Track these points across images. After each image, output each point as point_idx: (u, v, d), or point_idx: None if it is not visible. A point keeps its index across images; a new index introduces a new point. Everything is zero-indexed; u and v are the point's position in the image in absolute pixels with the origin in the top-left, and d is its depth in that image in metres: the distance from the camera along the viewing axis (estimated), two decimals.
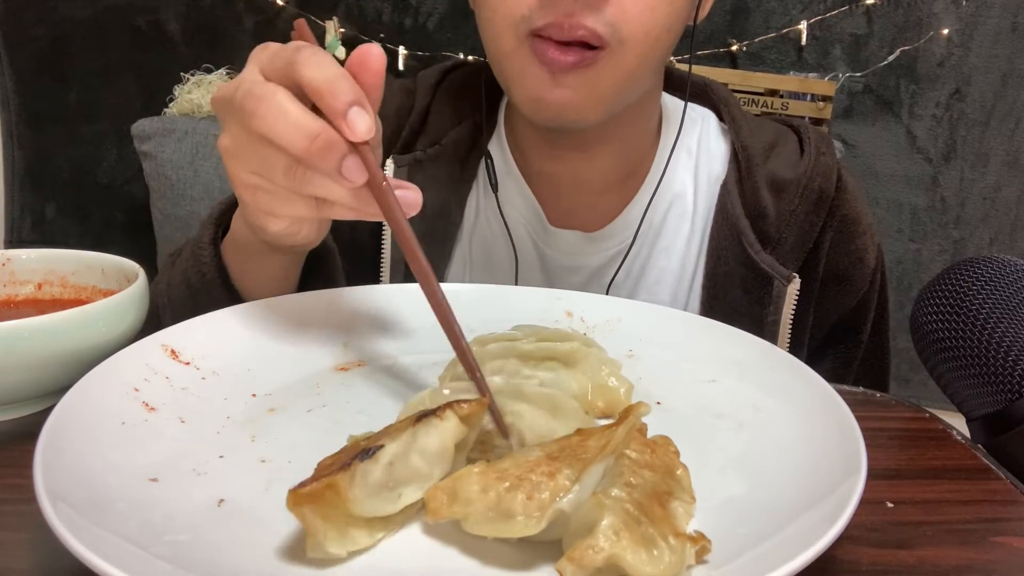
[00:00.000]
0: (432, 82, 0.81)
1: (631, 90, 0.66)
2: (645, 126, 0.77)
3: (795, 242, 0.74)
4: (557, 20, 0.59)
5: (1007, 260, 0.54)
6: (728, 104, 0.80)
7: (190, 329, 0.49)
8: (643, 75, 0.66)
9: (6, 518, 0.38)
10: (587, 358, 0.48)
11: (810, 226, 0.74)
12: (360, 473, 0.33)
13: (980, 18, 1.78)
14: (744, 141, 0.76)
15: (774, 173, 0.75)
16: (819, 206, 0.74)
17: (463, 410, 0.37)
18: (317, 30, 1.85)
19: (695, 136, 0.80)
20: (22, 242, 2.00)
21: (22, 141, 1.96)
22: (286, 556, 0.32)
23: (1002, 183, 1.87)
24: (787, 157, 0.76)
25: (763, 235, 0.74)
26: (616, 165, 0.76)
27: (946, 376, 0.54)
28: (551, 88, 0.62)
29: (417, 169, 0.77)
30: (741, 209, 0.75)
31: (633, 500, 0.32)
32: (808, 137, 0.77)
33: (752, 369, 0.49)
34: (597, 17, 0.59)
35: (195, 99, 1.72)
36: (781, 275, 0.73)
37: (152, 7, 1.87)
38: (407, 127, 0.79)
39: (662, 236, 0.78)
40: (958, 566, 0.36)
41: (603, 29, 0.59)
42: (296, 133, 0.41)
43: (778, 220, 0.74)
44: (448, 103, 0.80)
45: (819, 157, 0.75)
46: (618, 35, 0.60)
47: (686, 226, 0.78)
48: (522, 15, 0.61)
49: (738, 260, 0.74)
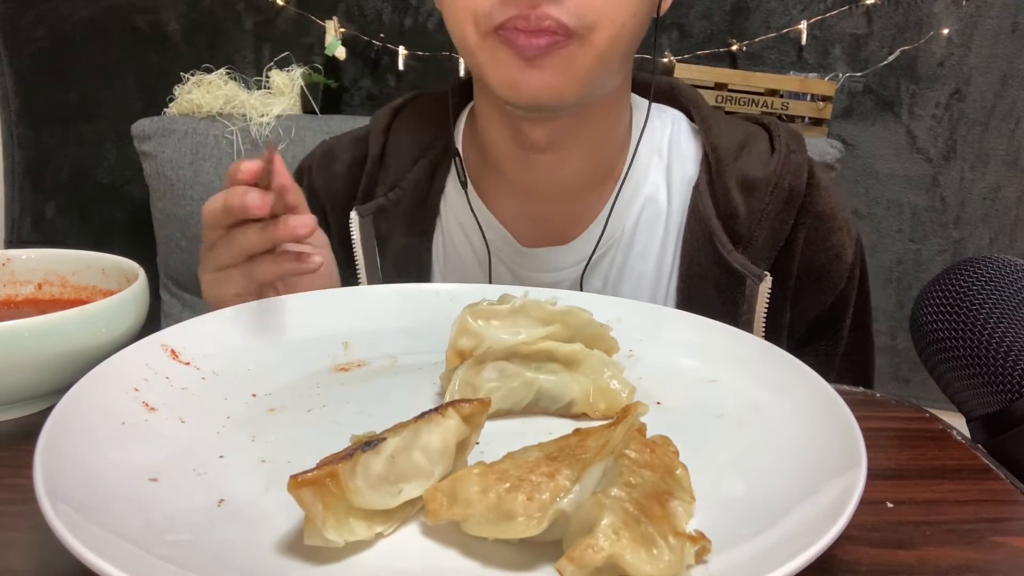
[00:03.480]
0: (383, 126, 0.82)
1: (604, 72, 0.66)
2: (615, 125, 0.76)
3: (766, 241, 0.74)
4: (522, 12, 0.60)
5: (1007, 260, 0.54)
6: (697, 104, 0.80)
7: (190, 329, 0.49)
8: (613, 59, 0.66)
9: (6, 518, 0.38)
10: (589, 360, 0.47)
11: (780, 224, 0.74)
12: (362, 464, 0.33)
13: (980, 18, 1.78)
14: (714, 141, 0.76)
15: (744, 172, 0.75)
16: (789, 204, 0.74)
17: (465, 409, 0.37)
18: (317, 30, 1.85)
19: (666, 138, 0.79)
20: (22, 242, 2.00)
21: (22, 141, 1.96)
22: (286, 556, 0.32)
23: (1002, 183, 1.87)
24: (757, 156, 0.76)
25: (734, 235, 0.74)
26: (588, 166, 0.76)
27: (946, 376, 0.54)
28: (526, 71, 0.63)
29: (382, 216, 0.79)
30: (712, 210, 0.75)
31: (633, 500, 0.32)
32: (779, 135, 0.76)
33: (752, 369, 0.49)
34: (561, 8, 0.60)
35: (195, 99, 1.72)
36: (753, 274, 0.73)
37: (152, 7, 1.87)
38: (364, 177, 0.80)
39: (636, 241, 0.78)
40: (958, 566, 0.36)
41: (568, 19, 0.60)
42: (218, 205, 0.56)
43: (749, 219, 0.74)
44: (403, 144, 0.81)
45: (789, 155, 0.75)
46: (585, 22, 0.61)
47: (660, 229, 0.78)
48: (483, 12, 0.61)
49: (711, 260, 0.74)
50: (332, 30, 1.80)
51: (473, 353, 0.46)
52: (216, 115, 1.70)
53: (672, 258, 0.77)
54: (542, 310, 0.48)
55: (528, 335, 0.47)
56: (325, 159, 0.85)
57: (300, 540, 0.33)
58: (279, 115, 1.69)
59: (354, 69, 1.89)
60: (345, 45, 1.82)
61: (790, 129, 0.78)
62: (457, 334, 0.47)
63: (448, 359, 0.47)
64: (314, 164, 0.85)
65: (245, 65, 1.88)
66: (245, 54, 1.89)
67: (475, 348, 0.46)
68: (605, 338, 0.49)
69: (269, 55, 1.88)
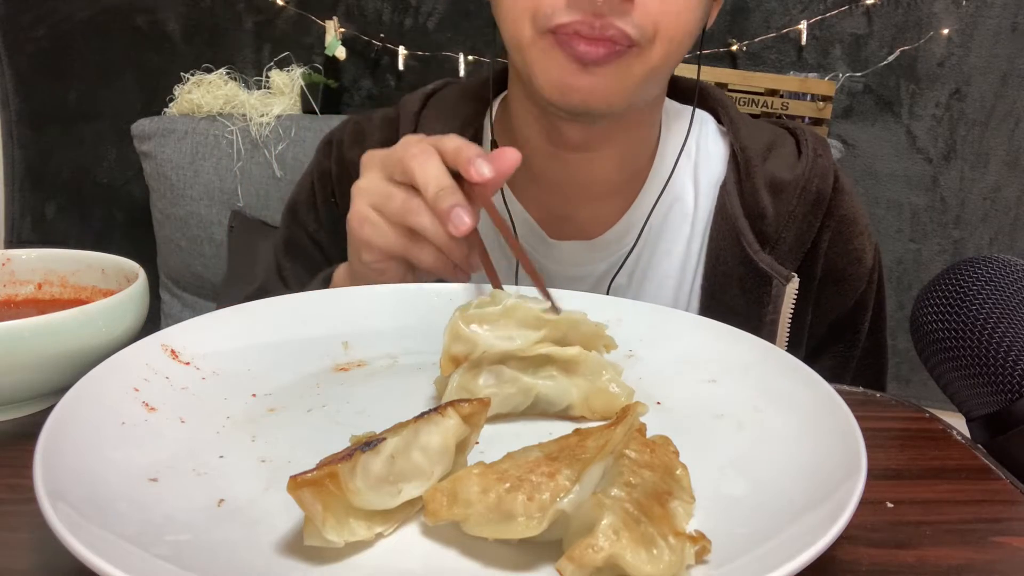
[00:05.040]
0: (415, 109, 0.81)
1: (653, 85, 0.67)
2: (649, 130, 0.77)
3: (793, 242, 0.75)
4: (585, 19, 0.60)
5: (1007, 260, 0.54)
6: (725, 107, 0.81)
7: (190, 329, 0.49)
8: (664, 74, 0.67)
9: (6, 518, 0.38)
10: (587, 362, 0.47)
11: (808, 226, 0.75)
12: (361, 465, 0.33)
13: (980, 18, 1.78)
14: (743, 143, 0.77)
15: (773, 174, 0.75)
16: (816, 207, 0.75)
17: (464, 409, 0.37)
18: (317, 30, 1.85)
19: (694, 138, 0.80)
20: (22, 242, 2.00)
21: (22, 141, 1.96)
22: (286, 556, 0.32)
23: (1002, 183, 1.87)
24: (785, 159, 0.77)
25: (762, 235, 0.75)
26: (618, 168, 0.76)
27: (946, 376, 0.54)
28: (580, 75, 0.62)
29: None
30: (740, 210, 0.75)
31: (633, 500, 0.32)
32: (805, 139, 0.78)
33: (752, 369, 0.49)
34: (625, 20, 0.60)
35: (195, 99, 1.72)
36: (780, 274, 0.73)
37: (152, 7, 1.87)
38: None
39: (663, 239, 0.78)
40: (958, 566, 0.36)
41: (632, 31, 0.60)
42: (432, 179, 0.54)
43: (776, 220, 0.75)
44: (435, 130, 0.79)
45: (816, 159, 0.76)
46: (646, 34, 0.61)
47: (686, 228, 0.78)
48: (545, 11, 0.61)
49: (737, 260, 0.75)
50: (332, 30, 1.80)
51: (468, 358, 0.46)
52: (216, 115, 1.70)
53: (697, 257, 0.78)
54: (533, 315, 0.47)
55: (523, 340, 0.46)
56: (357, 136, 0.83)
57: (300, 540, 0.33)
58: (279, 115, 1.69)
59: (354, 69, 1.89)
60: (345, 45, 1.82)
61: (815, 134, 0.80)
62: (451, 340, 0.46)
63: (442, 366, 0.46)
64: (346, 139, 0.84)
65: (245, 65, 1.88)
66: (245, 54, 1.90)
67: (469, 353, 0.46)
68: (600, 335, 0.49)
69: (269, 55, 1.88)
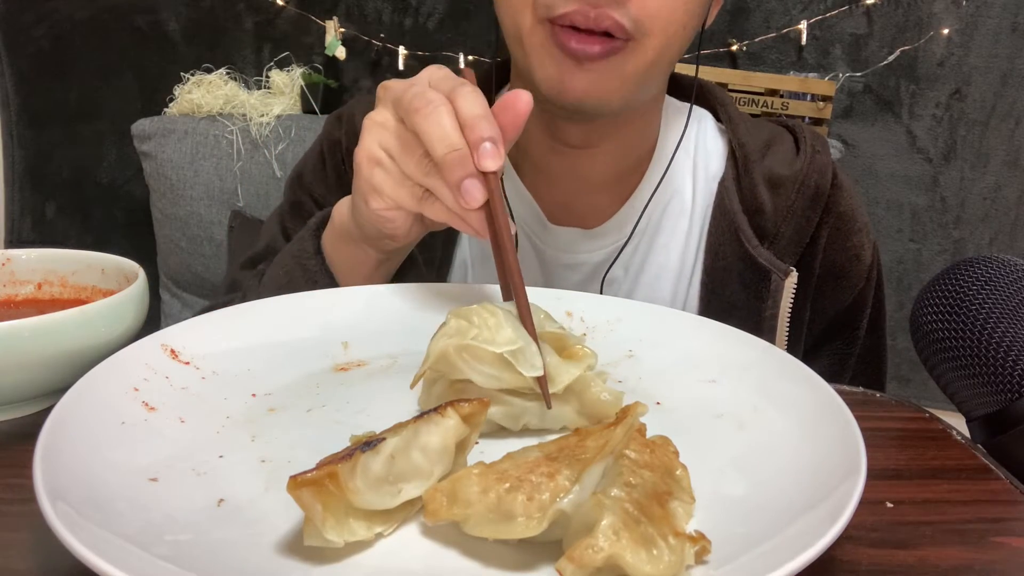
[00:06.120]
0: None
1: (650, 81, 0.67)
2: (649, 127, 0.78)
3: (792, 237, 0.75)
4: (582, 9, 0.59)
5: (1007, 260, 0.54)
6: (725, 104, 0.82)
7: (190, 329, 0.49)
8: (661, 69, 0.66)
9: (6, 518, 0.38)
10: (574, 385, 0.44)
11: (806, 221, 0.75)
12: (361, 465, 0.33)
13: (980, 18, 1.78)
14: (741, 139, 0.78)
15: (771, 170, 0.76)
16: (815, 202, 0.75)
17: (464, 409, 0.37)
18: (317, 30, 1.85)
19: (692, 134, 0.80)
20: (22, 242, 2.00)
21: (22, 141, 1.96)
22: (286, 556, 0.32)
23: (1002, 183, 1.87)
24: (783, 155, 0.77)
25: (760, 230, 0.75)
26: (616, 163, 0.76)
27: (946, 376, 0.54)
28: (575, 72, 0.63)
29: None
30: (739, 205, 0.76)
31: (633, 500, 0.32)
32: (803, 136, 0.78)
33: (752, 369, 0.49)
34: (623, 11, 0.60)
35: (195, 99, 1.72)
36: (778, 269, 0.73)
37: (152, 7, 1.87)
38: None
39: (660, 233, 0.79)
40: (958, 566, 0.36)
41: (627, 22, 0.60)
42: (441, 140, 0.49)
43: (775, 215, 0.75)
44: None
45: (815, 155, 0.76)
46: (641, 29, 0.61)
47: (684, 222, 0.79)
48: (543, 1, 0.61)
49: (736, 255, 0.75)
50: (332, 30, 1.80)
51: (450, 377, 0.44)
52: (216, 115, 1.70)
53: (696, 253, 0.78)
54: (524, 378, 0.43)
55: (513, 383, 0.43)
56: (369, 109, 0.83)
57: (300, 540, 0.33)
58: (279, 115, 1.69)
59: (354, 69, 1.89)
60: (345, 45, 1.82)
61: (814, 131, 0.80)
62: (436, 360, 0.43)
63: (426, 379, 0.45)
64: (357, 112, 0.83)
65: (245, 65, 1.88)
66: (245, 54, 1.89)
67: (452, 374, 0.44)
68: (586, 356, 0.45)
69: (269, 55, 1.88)
